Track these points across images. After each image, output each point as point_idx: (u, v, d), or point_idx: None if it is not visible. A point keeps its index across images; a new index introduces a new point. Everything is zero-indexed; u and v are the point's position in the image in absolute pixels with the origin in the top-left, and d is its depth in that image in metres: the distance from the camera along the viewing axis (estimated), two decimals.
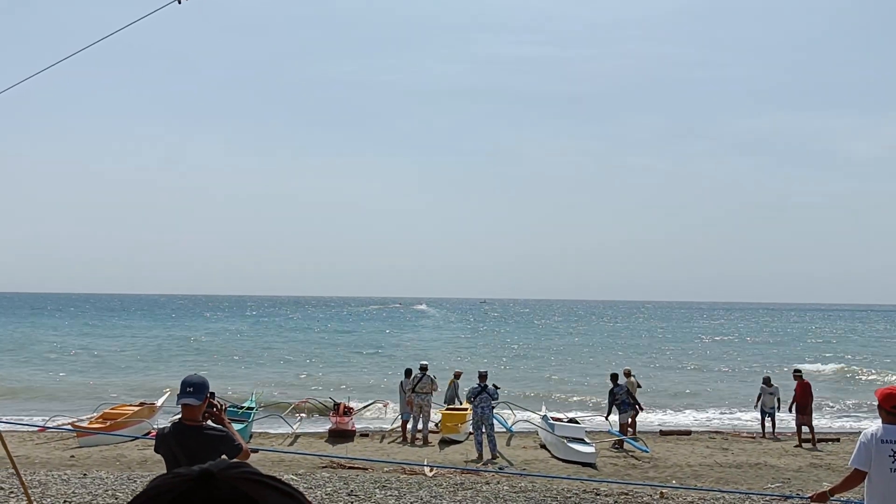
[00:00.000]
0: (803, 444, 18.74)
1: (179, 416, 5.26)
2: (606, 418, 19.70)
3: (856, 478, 6.03)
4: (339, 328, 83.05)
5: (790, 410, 19.41)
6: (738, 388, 31.90)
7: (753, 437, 20.05)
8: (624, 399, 19.13)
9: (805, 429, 19.00)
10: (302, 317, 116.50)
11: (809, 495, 7.04)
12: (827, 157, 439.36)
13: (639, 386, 21.62)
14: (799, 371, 20.32)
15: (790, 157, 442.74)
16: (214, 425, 5.23)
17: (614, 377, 19.71)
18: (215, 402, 5.33)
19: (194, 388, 5.11)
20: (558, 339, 69.01)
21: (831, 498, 6.57)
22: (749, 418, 23.41)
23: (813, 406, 19.50)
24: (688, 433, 20.76)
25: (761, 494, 12.27)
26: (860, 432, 6.19)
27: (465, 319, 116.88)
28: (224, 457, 5.09)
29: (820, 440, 19.54)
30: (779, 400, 20.31)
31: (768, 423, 20.26)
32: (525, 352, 53.40)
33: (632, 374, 21.06)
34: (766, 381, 20.70)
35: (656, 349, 57.74)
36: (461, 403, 20.72)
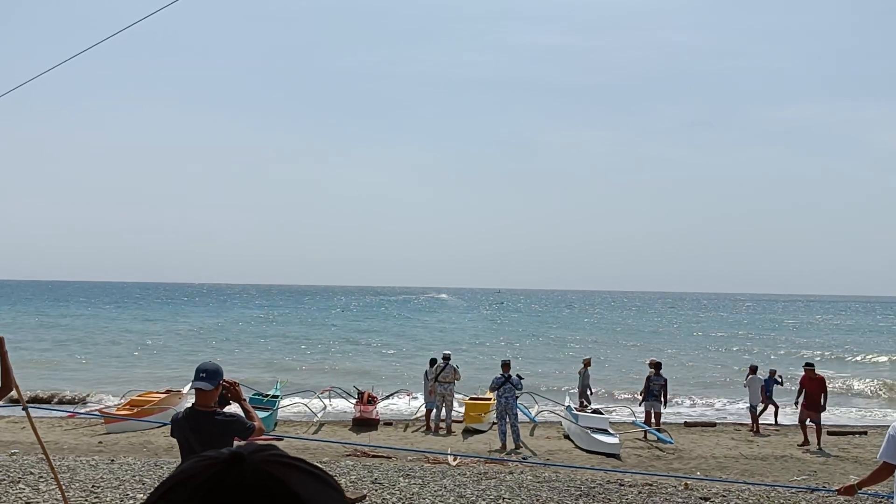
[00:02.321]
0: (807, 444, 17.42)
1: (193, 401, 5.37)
2: (642, 402, 19.64)
3: (884, 471, 5.95)
4: (364, 317, 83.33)
5: (795, 405, 18.44)
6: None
7: (778, 429, 19.88)
8: (654, 390, 19.05)
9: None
10: (327, 306, 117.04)
11: (836, 488, 6.96)
12: (854, 148, 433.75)
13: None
14: (811, 365, 18.46)
15: (816, 148, 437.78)
16: (225, 411, 5.33)
17: (657, 366, 19.56)
18: (227, 381, 5.40)
19: (207, 374, 5.22)
20: (576, 330, 68.82)
21: (859, 491, 6.50)
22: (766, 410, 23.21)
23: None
24: (712, 425, 20.65)
25: (787, 487, 12.17)
26: (889, 426, 6.12)
27: (483, 309, 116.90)
28: (241, 440, 5.19)
29: (847, 433, 19.34)
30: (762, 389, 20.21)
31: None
32: (543, 341, 53.31)
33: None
34: (754, 369, 20.43)
35: (678, 340, 57.41)
36: (591, 392, 21.15)
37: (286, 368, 33.02)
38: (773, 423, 20.71)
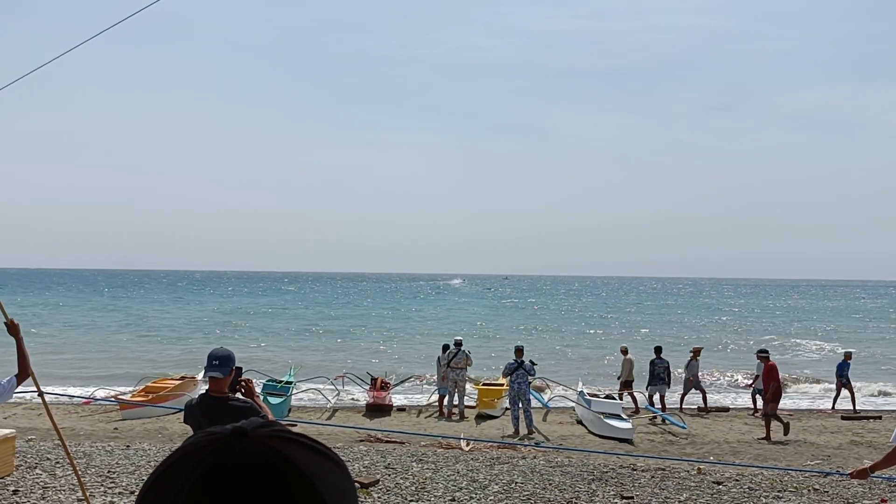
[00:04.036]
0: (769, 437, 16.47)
1: (207, 388, 5.41)
2: (647, 388, 19.78)
3: None
4: (372, 305, 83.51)
5: (753, 391, 17.89)
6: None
7: (791, 415, 19.83)
8: (659, 374, 19.25)
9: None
10: (342, 292, 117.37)
11: (850, 472, 6.95)
12: (873, 131, 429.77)
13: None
14: (765, 352, 18.05)
15: (835, 131, 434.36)
16: (239, 397, 5.36)
17: (657, 350, 19.89)
18: (241, 379, 5.44)
19: (220, 361, 5.25)
20: (584, 316, 68.73)
21: (872, 475, 6.49)
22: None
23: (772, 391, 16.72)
24: (726, 410, 20.61)
25: (800, 471, 12.16)
26: None
27: (490, 296, 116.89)
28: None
29: (861, 417, 19.27)
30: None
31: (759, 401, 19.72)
32: (558, 329, 53.29)
33: (627, 351, 20.88)
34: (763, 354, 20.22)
35: (693, 326, 57.27)
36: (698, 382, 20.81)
37: (301, 356, 33.10)
38: (852, 409, 20.35)
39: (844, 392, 20.59)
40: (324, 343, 40.58)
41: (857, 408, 20.34)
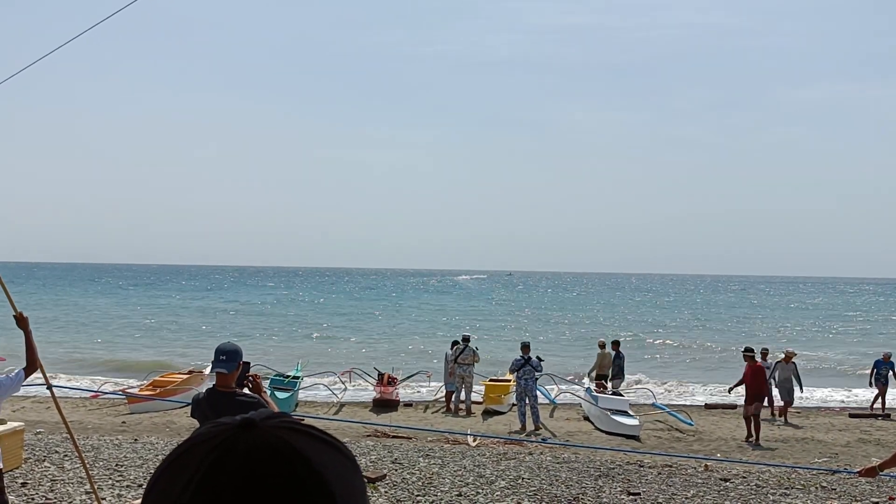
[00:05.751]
0: (749, 440, 15.93)
1: (214, 382, 5.44)
2: (609, 381, 19.95)
3: None
4: (374, 301, 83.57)
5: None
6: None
7: (799, 412, 19.77)
8: (622, 367, 20.03)
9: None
10: (345, 289, 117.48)
11: (858, 470, 6.93)
12: (879, 128, 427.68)
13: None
14: (751, 351, 16.96)
15: (841, 128, 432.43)
16: (246, 392, 5.38)
17: (616, 343, 20.35)
18: (249, 375, 5.46)
19: (227, 357, 5.26)
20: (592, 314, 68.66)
21: (880, 473, 6.46)
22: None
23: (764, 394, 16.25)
24: (733, 407, 20.55)
25: (808, 468, 12.13)
26: None
27: (498, 292, 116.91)
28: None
29: (865, 416, 19.16)
30: (798, 377, 18.67)
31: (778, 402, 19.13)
32: (566, 324, 53.24)
33: (605, 345, 20.85)
34: (764, 354, 19.87)
35: (699, 322, 57.16)
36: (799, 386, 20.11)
37: (308, 351, 33.16)
38: (871, 407, 20.11)
39: (853, 391, 20.39)
40: (329, 339, 40.67)
41: (874, 407, 20.08)
